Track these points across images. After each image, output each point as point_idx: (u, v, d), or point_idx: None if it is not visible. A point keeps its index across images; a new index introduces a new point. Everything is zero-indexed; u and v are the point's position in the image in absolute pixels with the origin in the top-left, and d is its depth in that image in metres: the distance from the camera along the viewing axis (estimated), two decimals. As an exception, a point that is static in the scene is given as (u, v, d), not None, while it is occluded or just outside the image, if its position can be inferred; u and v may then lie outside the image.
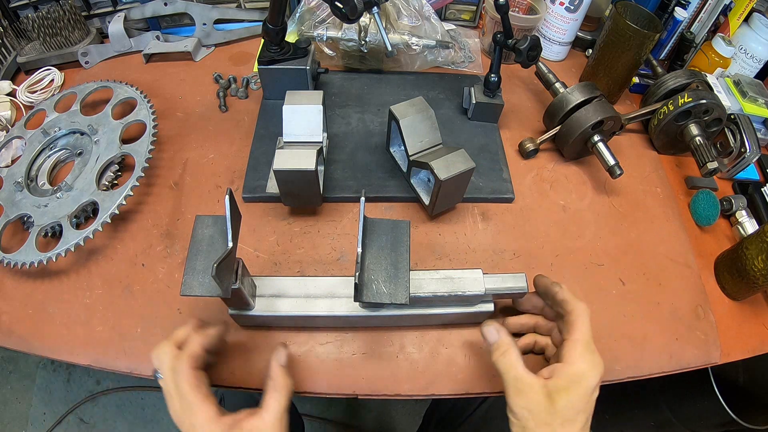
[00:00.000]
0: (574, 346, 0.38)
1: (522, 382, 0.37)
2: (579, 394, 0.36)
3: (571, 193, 0.62)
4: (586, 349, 0.38)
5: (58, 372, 1.28)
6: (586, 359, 0.37)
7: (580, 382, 0.37)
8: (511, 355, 0.39)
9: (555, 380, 0.37)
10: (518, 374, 0.38)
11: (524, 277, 0.45)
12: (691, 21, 0.77)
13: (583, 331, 0.39)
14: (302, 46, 0.63)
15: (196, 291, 0.38)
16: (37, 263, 0.48)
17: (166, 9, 0.73)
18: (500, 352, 0.39)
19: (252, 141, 0.61)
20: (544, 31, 0.78)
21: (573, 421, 0.36)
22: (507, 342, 0.40)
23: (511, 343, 0.40)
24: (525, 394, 0.37)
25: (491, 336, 0.41)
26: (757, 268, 0.51)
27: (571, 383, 0.36)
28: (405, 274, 0.40)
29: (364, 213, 0.39)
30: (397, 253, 0.41)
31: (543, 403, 0.36)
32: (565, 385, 0.36)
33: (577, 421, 0.36)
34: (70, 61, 0.72)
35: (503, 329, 0.41)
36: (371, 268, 0.40)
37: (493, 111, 0.65)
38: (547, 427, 0.35)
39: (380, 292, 0.39)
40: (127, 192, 0.51)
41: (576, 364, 0.37)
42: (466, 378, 0.47)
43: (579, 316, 0.40)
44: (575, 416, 0.36)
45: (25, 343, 0.47)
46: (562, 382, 0.37)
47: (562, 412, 0.35)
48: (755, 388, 0.92)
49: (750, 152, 0.62)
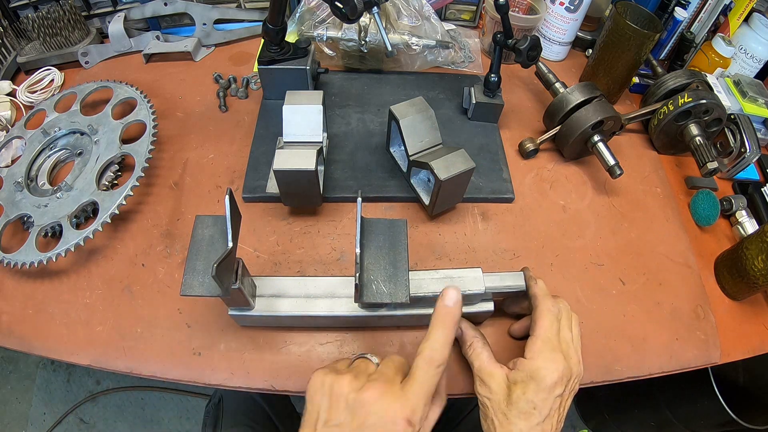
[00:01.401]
0: (534, 342, 0.39)
1: (484, 372, 0.40)
2: (534, 389, 0.37)
3: (571, 193, 0.62)
4: (545, 346, 0.39)
5: (58, 372, 1.28)
6: (544, 356, 0.38)
7: (535, 378, 0.37)
8: (476, 347, 0.42)
9: (514, 373, 0.39)
10: (481, 365, 0.40)
11: (523, 275, 0.45)
12: (691, 21, 0.77)
13: (544, 327, 0.40)
14: (302, 46, 0.63)
15: (196, 291, 0.38)
16: (37, 263, 0.48)
17: (166, 9, 0.73)
18: (466, 346, 0.43)
19: (252, 141, 0.61)
20: (544, 31, 0.78)
21: (528, 415, 0.36)
22: (471, 335, 0.43)
23: (476, 336, 0.43)
24: (486, 384, 0.39)
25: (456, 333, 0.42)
26: (757, 268, 0.51)
27: (528, 378, 0.38)
28: (404, 273, 0.40)
29: (361, 213, 0.39)
30: (395, 252, 0.41)
31: (502, 394, 0.38)
32: (521, 378, 0.38)
33: (532, 415, 0.36)
34: (70, 61, 0.72)
35: (465, 323, 0.44)
36: (370, 269, 0.40)
37: (493, 111, 0.65)
38: (503, 416, 0.37)
39: (380, 292, 0.39)
40: (127, 192, 0.51)
41: (534, 360, 0.38)
42: (466, 378, 0.47)
43: (542, 314, 0.41)
44: (531, 410, 0.36)
45: (25, 343, 0.47)
46: (519, 376, 0.38)
47: (517, 404, 0.37)
48: (755, 388, 0.92)
49: (750, 152, 0.62)
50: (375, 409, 0.32)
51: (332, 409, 0.33)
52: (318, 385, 0.35)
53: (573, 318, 0.43)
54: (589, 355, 0.49)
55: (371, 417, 0.32)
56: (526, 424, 0.36)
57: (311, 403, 0.35)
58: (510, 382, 0.38)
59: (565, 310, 0.42)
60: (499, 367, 0.40)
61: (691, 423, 0.90)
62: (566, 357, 0.39)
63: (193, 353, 0.46)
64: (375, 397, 0.33)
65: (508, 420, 0.37)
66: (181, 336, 0.47)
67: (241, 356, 0.47)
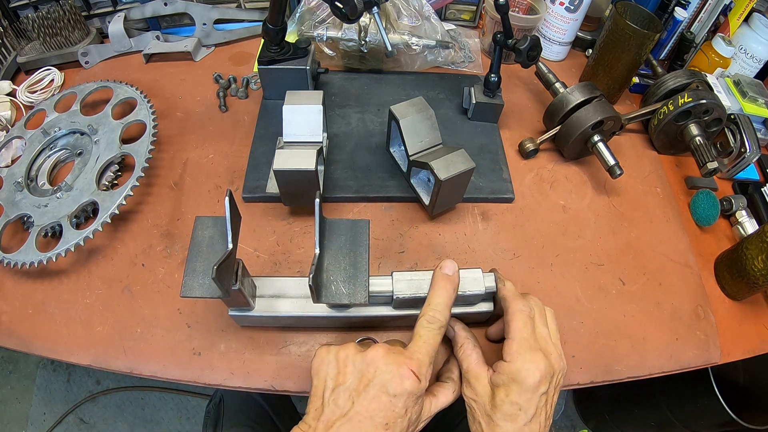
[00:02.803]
0: (510, 345, 0.39)
1: (470, 374, 0.40)
2: (517, 391, 0.36)
3: (571, 193, 0.62)
4: (522, 347, 0.38)
5: (58, 372, 1.28)
6: (523, 358, 0.38)
7: (516, 380, 0.37)
8: (466, 349, 0.42)
9: (495, 376, 0.38)
10: (469, 366, 0.40)
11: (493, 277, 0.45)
12: (691, 21, 0.77)
13: (518, 329, 0.39)
14: (302, 46, 0.63)
15: (196, 292, 0.38)
16: (37, 263, 0.48)
17: (166, 9, 0.73)
18: (457, 347, 0.43)
19: (252, 141, 0.61)
20: (544, 31, 0.78)
21: (514, 417, 0.36)
22: (462, 336, 0.43)
23: (467, 337, 0.42)
24: (472, 386, 0.39)
25: (448, 332, 0.44)
26: (757, 268, 0.51)
27: (510, 381, 0.37)
28: (364, 273, 0.40)
29: (320, 214, 0.39)
30: (356, 253, 0.41)
31: (486, 396, 0.38)
32: (503, 381, 0.37)
33: (518, 417, 0.36)
34: (70, 61, 0.72)
35: (458, 324, 0.44)
36: (330, 269, 0.40)
37: (493, 111, 0.65)
38: (488, 419, 0.37)
39: (339, 293, 0.39)
40: (127, 192, 0.51)
41: (513, 362, 0.38)
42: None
43: (513, 315, 0.40)
44: (515, 412, 0.36)
45: (25, 343, 0.47)
46: (501, 379, 0.38)
47: (501, 407, 0.37)
48: (755, 388, 0.92)
49: (750, 152, 0.62)
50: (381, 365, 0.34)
51: (339, 374, 0.35)
52: (323, 355, 0.36)
53: (548, 312, 0.43)
54: (589, 355, 0.49)
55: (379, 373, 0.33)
56: (512, 426, 0.36)
57: (317, 377, 0.36)
58: (493, 385, 0.38)
59: (537, 307, 0.42)
60: (485, 370, 0.40)
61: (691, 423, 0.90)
62: (546, 354, 0.38)
63: (193, 353, 0.46)
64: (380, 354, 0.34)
65: (493, 422, 0.37)
66: (181, 336, 0.47)
67: (241, 356, 0.47)
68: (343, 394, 0.33)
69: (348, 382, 0.34)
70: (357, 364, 0.34)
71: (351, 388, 0.34)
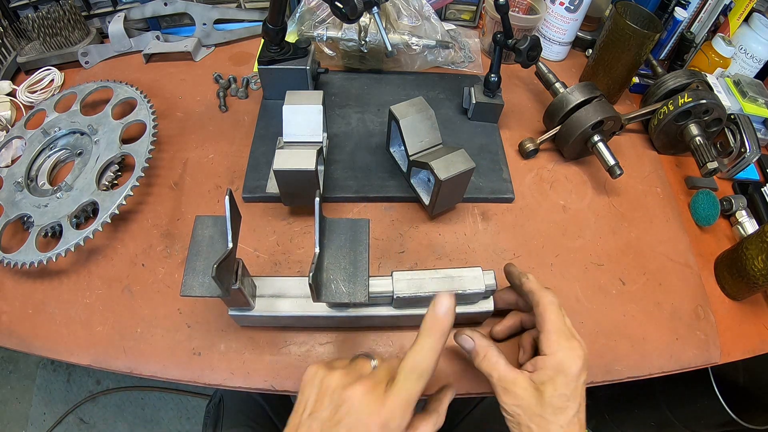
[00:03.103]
0: (549, 337, 0.38)
1: (506, 381, 0.38)
2: (564, 382, 0.37)
3: (571, 193, 0.62)
4: (560, 337, 0.38)
5: (58, 372, 1.28)
6: (563, 347, 0.38)
7: (562, 371, 0.37)
8: (491, 358, 0.39)
9: (539, 373, 0.37)
10: (501, 374, 0.38)
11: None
12: (691, 21, 0.77)
13: (553, 320, 0.39)
14: (302, 46, 0.63)
15: (196, 291, 0.38)
16: (37, 263, 0.48)
17: (166, 9, 0.73)
18: (480, 358, 0.40)
19: (252, 141, 0.61)
20: (544, 31, 0.78)
21: (564, 409, 0.36)
22: (483, 345, 0.40)
23: (489, 345, 0.40)
24: (511, 392, 0.37)
25: (467, 344, 0.41)
26: (757, 268, 0.51)
27: (555, 373, 0.37)
28: (364, 272, 0.40)
29: (320, 213, 0.39)
30: (356, 252, 0.41)
31: (531, 397, 0.37)
32: (549, 376, 0.37)
33: (568, 408, 0.36)
34: (70, 61, 0.72)
35: (476, 333, 0.41)
36: (330, 268, 0.40)
37: (493, 111, 0.65)
38: (540, 419, 0.36)
39: (339, 292, 0.39)
40: (127, 192, 0.51)
41: (555, 354, 0.38)
42: (466, 378, 0.47)
43: (546, 307, 0.40)
44: (565, 404, 0.36)
45: (25, 343, 0.47)
46: (545, 375, 0.37)
47: (551, 402, 0.36)
48: (755, 388, 0.92)
49: (750, 152, 0.62)
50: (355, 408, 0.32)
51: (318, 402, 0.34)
52: (311, 376, 0.35)
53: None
54: (589, 355, 0.49)
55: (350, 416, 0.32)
56: (564, 418, 0.36)
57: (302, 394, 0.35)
58: (537, 383, 0.37)
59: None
60: (519, 373, 0.38)
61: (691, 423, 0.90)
62: (579, 341, 0.39)
63: (193, 353, 0.46)
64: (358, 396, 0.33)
65: (545, 420, 0.36)
66: (181, 336, 0.47)
67: (241, 356, 0.47)
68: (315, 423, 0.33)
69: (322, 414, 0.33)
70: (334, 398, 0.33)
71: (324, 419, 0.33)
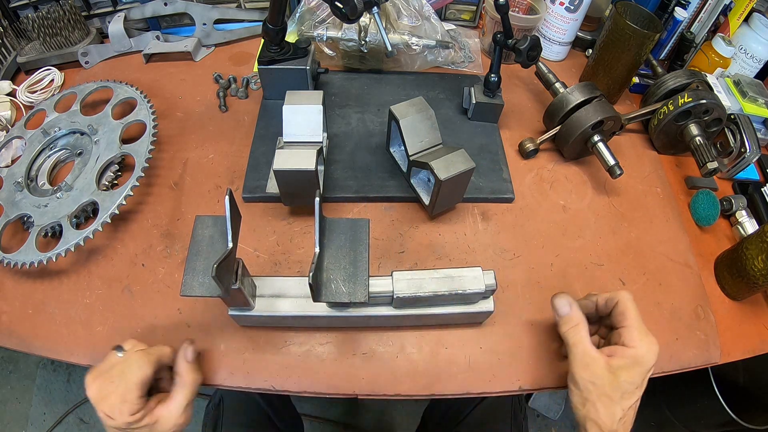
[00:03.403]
0: (631, 331, 0.41)
1: (589, 357, 0.41)
2: (639, 372, 0.40)
3: (571, 193, 0.62)
4: (641, 333, 0.41)
5: (58, 372, 1.28)
6: (644, 342, 0.41)
7: (640, 362, 0.40)
8: (581, 330, 0.42)
9: (618, 359, 0.40)
10: (586, 349, 0.41)
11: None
12: (691, 21, 0.77)
13: (634, 317, 0.42)
14: (302, 46, 0.63)
15: (196, 291, 0.38)
16: (37, 263, 0.48)
17: (166, 9, 0.73)
18: (570, 326, 0.42)
19: (252, 141, 0.61)
20: (544, 31, 0.78)
21: (631, 394, 0.40)
22: (578, 317, 0.43)
23: (582, 319, 0.43)
24: (590, 368, 0.40)
25: (563, 309, 0.43)
26: (757, 268, 0.51)
27: (634, 363, 0.40)
28: (364, 272, 0.40)
29: (320, 213, 0.39)
30: (356, 252, 0.41)
31: (606, 378, 0.39)
32: (627, 364, 0.40)
33: (634, 394, 0.40)
34: (70, 61, 0.72)
35: (575, 304, 0.44)
36: (330, 268, 0.40)
37: (493, 111, 0.65)
38: (608, 399, 0.39)
39: (339, 292, 0.39)
40: (127, 192, 0.51)
41: (637, 347, 0.40)
42: (466, 378, 0.47)
43: (626, 304, 0.42)
44: (634, 390, 0.40)
45: (25, 343, 0.47)
46: (624, 362, 0.40)
47: (623, 386, 0.39)
48: (755, 388, 0.92)
49: (750, 152, 0.62)
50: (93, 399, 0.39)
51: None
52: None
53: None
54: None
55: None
56: (627, 403, 0.39)
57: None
58: (613, 368, 0.40)
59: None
60: (599, 353, 0.41)
61: (691, 423, 0.90)
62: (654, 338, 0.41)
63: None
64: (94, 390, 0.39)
65: (612, 401, 0.39)
66: (181, 336, 0.47)
67: (241, 356, 0.47)
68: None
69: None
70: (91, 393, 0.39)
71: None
